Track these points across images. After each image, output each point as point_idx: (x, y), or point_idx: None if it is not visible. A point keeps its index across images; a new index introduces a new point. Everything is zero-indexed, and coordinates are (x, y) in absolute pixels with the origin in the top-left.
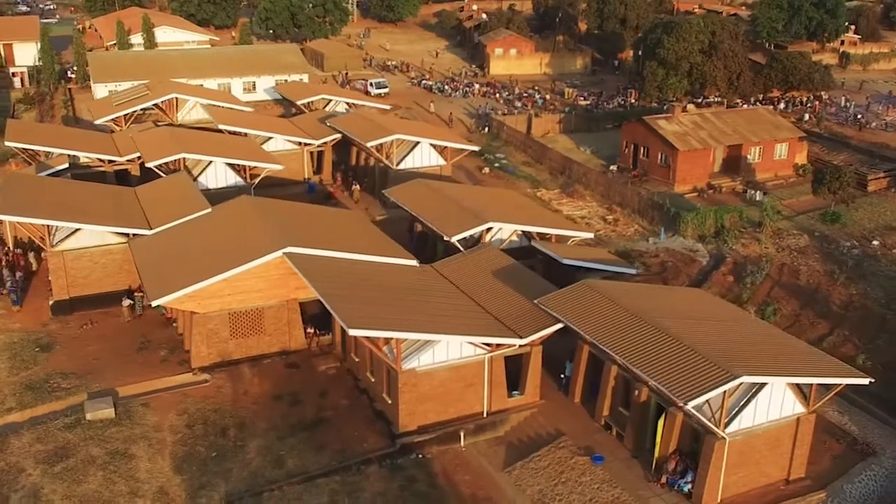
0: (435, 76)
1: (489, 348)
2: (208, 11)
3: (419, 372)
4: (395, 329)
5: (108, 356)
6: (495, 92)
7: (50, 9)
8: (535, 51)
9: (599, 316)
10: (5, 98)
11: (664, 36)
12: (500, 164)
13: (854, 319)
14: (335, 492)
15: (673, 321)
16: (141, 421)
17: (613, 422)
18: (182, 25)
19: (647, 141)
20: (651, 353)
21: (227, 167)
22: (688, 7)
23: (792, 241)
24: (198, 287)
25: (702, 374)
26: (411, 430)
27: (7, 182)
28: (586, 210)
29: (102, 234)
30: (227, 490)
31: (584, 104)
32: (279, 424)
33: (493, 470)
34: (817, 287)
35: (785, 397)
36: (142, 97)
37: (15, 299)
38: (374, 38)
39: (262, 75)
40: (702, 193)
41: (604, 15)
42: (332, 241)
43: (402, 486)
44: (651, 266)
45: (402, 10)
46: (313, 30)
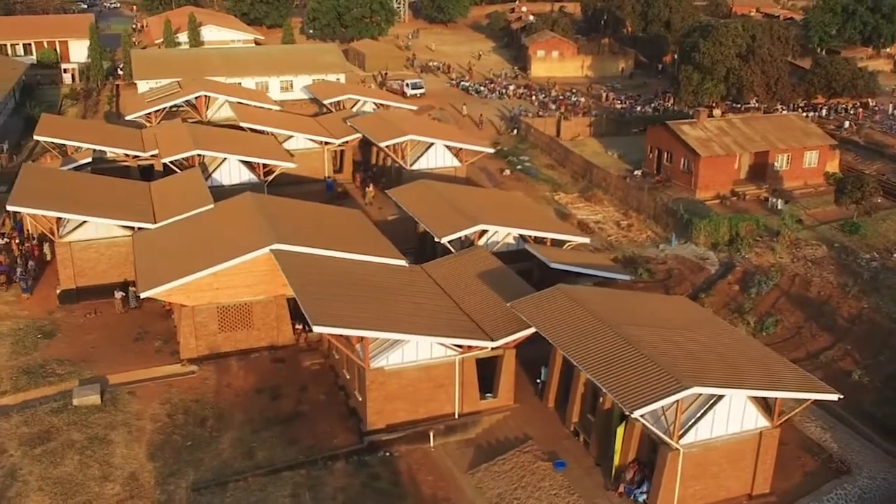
0: (475, 77)
1: (460, 350)
2: (261, 11)
3: (388, 371)
4: (360, 327)
5: (105, 345)
6: (531, 94)
7: (115, 7)
8: (577, 53)
9: (567, 321)
10: (55, 93)
11: (700, 40)
12: (522, 167)
13: (859, 333)
14: (298, 485)
15: (639, 329)
16: (125, 408)
17: (581, 429)
18: (228, 24)
19: (671, 146)
20: (608, 360)
21: (241, 164)
22: (745, 10)
23: (809, 251)
24: (185, 281)
25: (652, 383)
26: (380, 428)
27: (23, 174)
28: (601, 215)
29: (109, 227)
30: (195, 479)
31: (620, 107)
32: (256, 417)
33: (457, 471)
34: (827, 299)
35: (746, 411)
36: (172, 94)
37: (25, 287)
38: (422, 39)
39: (299, 74)
40: (724, 200)
41: (648, 18)
42: (323, 240)
43: (364, 482)
44: (656, 273)
45: (452, 11)
46: (359, 30)
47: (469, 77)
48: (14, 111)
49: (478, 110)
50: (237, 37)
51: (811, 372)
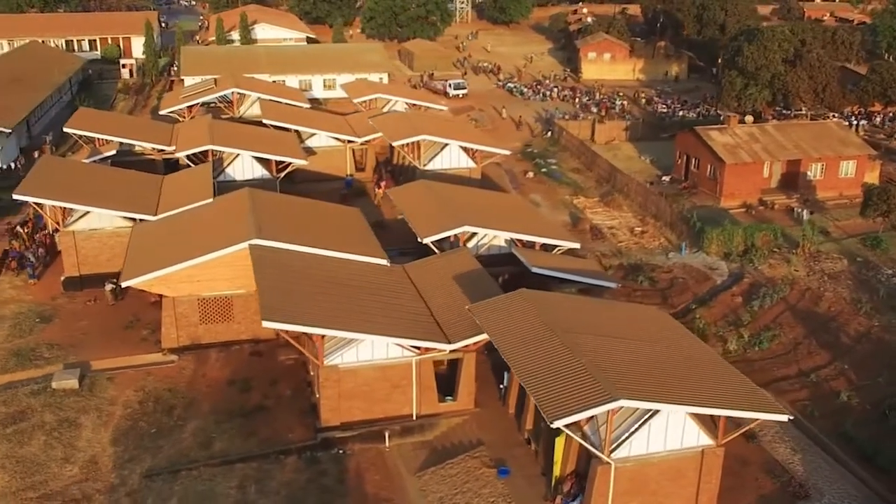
0: (524, 78)
1: (418, 351)
2: (323, 10)
3: (342, 369)
4: (310, 324)
5: (96, 332)
6: (575, 96)
7: (192, 5)
8: (629, 56)
9: (518, 326)
10: (112, 88)
11: (745, 44)
12: (547, 170)
13: (861, 353)
14: (247, 477)
15: (589, 339)
16: (100, 394)
17: (533, 437)
18: (282, 23)
19: (698, 152)
20: (545, 367)
21: (255, 160)
22: (818, 14)
23: (828, 265)
24: (165, 272)
25: (581, 393)
26: (334, 425)
27: (38, 165)
28: (618, 220)
29: (112, 218)
30: (150, 465)
31: (662, 112)
32: (222, 408)
33: (406, 473)
34: (835, 316)
35: (686, 427)
36: (206, 91)
37: (31, 273)
38: (480, 40)
39: (342, 73)
40: (750, 209)
41: (703, 21)
42: (307, 237)
43: (310, 478)
44: (658, 281)
45: (514, 13)
46: (414, 30)
47: (518, 79)
48: (68, 104)
49: (519, 112)
50: (289, 35)
51: (795, 391)
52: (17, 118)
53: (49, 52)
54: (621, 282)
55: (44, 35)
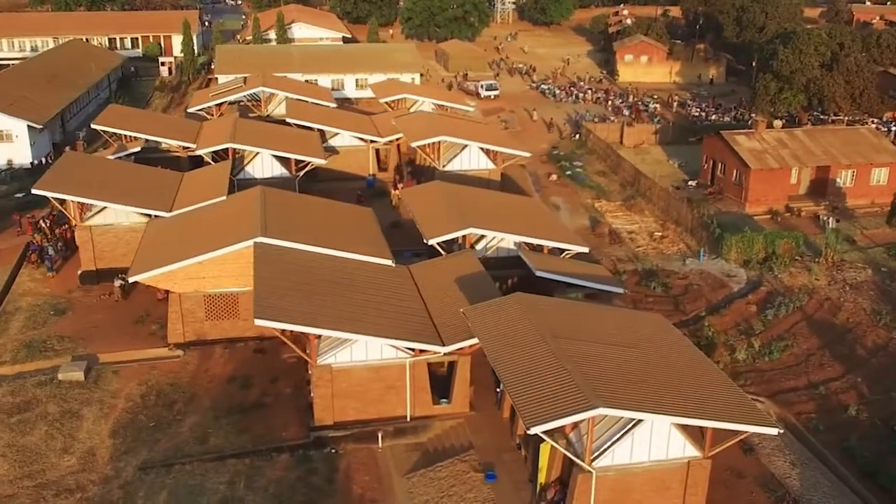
0: (560, 80)
1: (412, 353)
2: (363, 10)
3: (335, 368)
4: (302, 323)
5: (106, 325)
6: (607, 99)
7: (239, 4)
8: (666, 58)
9: (509, 331)
10: (150, 86)
11: (780, 47)
12: (572, 172)
13: (877, 366)
14: (238, 473)
15: (579, 345)
16: (104, 386)
17: (524, 442)
18: (319, 22)
19: (724, 157)
20: (531, 373)
21: (274, 159)
22: (868, 17)
23: (851, 274)
24: (170, 268)
25: (562, 400)
26: (327, 424)
27: (61, 160)
28: (638, 225)
29: (128, 213)
30: (146, 458)
31: (695, 115)
32: (221, 404)
33: (395, 474)
34: (854, 327)
35: (671, 437)
36: (235, 89)
37: (50, 266)
38: (519, 41)
39: (374, 73)
40: (776, 216)
41: (742, 23)
42: (314, 236)
43: (300, 476)
44: (672, 287)
45: (555, 14)
46: (451, 30)
47: (553, 81)
48: (106, 101)
49: (550, 114)
50: (325, 34)
51: (802, 403)
52: (50, 115)
53: (89, 49)
54: (634, 287)
55: (88, 33)
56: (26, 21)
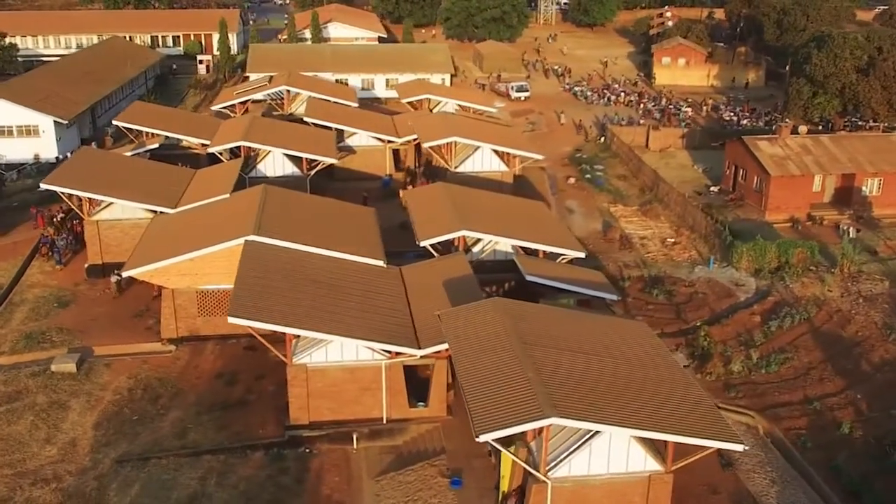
0: (595, 82)
1: (388, 355)
2: (405, 10)
3: (310, 368)
4: (276, 322)
5: (105, 319)
6: (640, 102)
7: (286, 3)
8: (705, 61)
9: (480, 336)
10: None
11: (814, 51)
12: (591, 176)
13: (880, 382)
14: (211, 469)
15: (549, 351)
16: (95, 379)
17: (494, 449)
18: (356, 22)
19: (745, 163)
20: (492, 379)
21: (286, 157)
22: None
23: (867, 286)
24: (163, 264)
25: (515, 408)
26: (303, 423)
27: (75, 156)
28: (652, 230)
29: (134, 209)
30: (124, 451)
31: (727, 119)
32: (205, 400)
33: (366, 476)
34: (862, 341)
35: (631, 451)
36: (259, 88)
37: (58, 259)
38: (559, 42)
39: (404, 73)
40: (796, 224)
41: (783, 26)
42: (308, 235)
43: (270, 475)
44: (676, 295)
45: (598, 15)
46: (489, 31)
47: (588, 83)
48: (141, 98)
49: (580, 116)
50: (361, 34)
51: (793, 418)
52: (77, 111)
53: (127, 46)
54: (637, 294)
55: (131, 31)
56: (73, 19)
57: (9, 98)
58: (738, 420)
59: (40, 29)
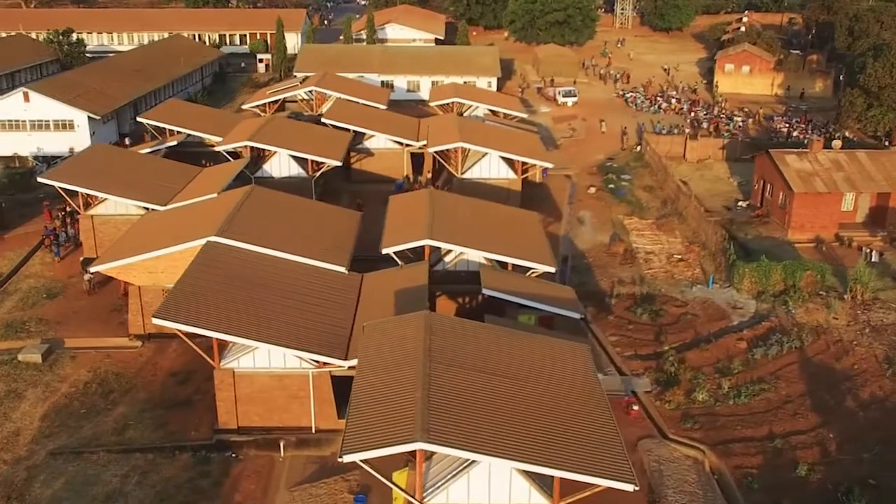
0: (653, 89)
1: (316, 364)
2: (476, 12)
3: (238, 373)
4: (200, 326)
5: (86, 311)
6: (691, 110)
7: (365, 4)
8: (771, 69)
9: (391, 350)
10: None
11: (870, 60)
12: (615, 185)
13: (862, 422)
14: (137, 467)
15: (458, 371)
16: (57, 370)
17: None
18: (414, 24)
19: (772, 177)
20: (381, 397)
21: (291, 159)
22: None
23: (879, 315)
24: (129, 261)
25: (388, 430)
26: (231, 428)
27: (84, 151)
28: (661, 245)
29: (127, 205)
30: (62, 444)
31: (782, 130)
32: (154, 398)
33: (283, 486)
34: (856, 375)
35: (514, 482)
36: (289, 88)
37: (56, 251)
38: (628, 46)
39: (450, 75)
40: (821, 245)
41: (854, 33)
42: (273, 239)
43: (190, 478)
44: (663, 315)
45: (673, 20)
46: (553, 34)
47: (646, 89)
48: (196, 95)
49: (626, 123)
50: (417, 36)
51: (748, 455)
52: (112, 107)
53: (186, 44)
54: (622, 313)
55: (200, 29)
56: (143, 16)
57: (46, 93)
58: (686, 453)
59: (111, 26)
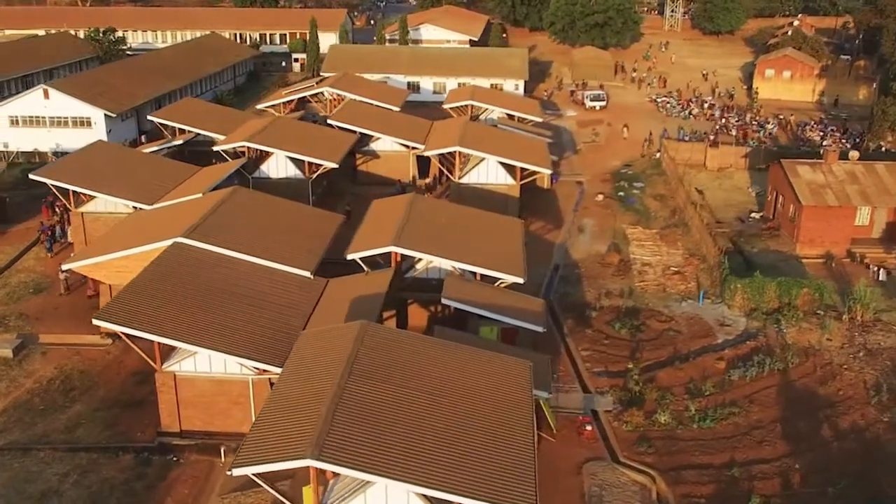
0: (686, 94)
1: (256, 370)
2: (521, 13)
3: (179, 376)
4: (140, 329)
5: (65, 307)
6: (722, 116)
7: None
8: (813, 75)
9: (319, 361)
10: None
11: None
12: (625, 193)
13: (835, 452)
14: (78, 467)
15: (380, 386)
16: (26, 366)
17: None
18: (450, 25)
19: (784, 189)
20: (287, 410)
21: (288, 160)
22: None
23: (878, 337)
24: (99, 260)
25: (283, 444)
26: (174, 431)
27: (84, 149)
28: (659, 257)
29: (115, 203)
30: (12, 440)
31: (807, 138)
32: (111, 397)
33: (217, 492)
34: (839, 401)
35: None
36: (305, 88)
37: (48, 247)
38: (672, 50)
39: (477, 77)
40: (830, 261)
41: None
42: (241, 241)
43: (126, 480)
44: (644, 331)
45: (722, 23)
46: (593, 37)
47: (680, 94)
48: (227, 92)
49: (653, 129)
50: (452, 37)
51: (698, 484)
52: (130, 105)
53: (219, 42)
54: (601, 326)
55: (240, 28)
56: (184, 15)
57: (64, 91)
58: (634, 478)
59: (155, 24)
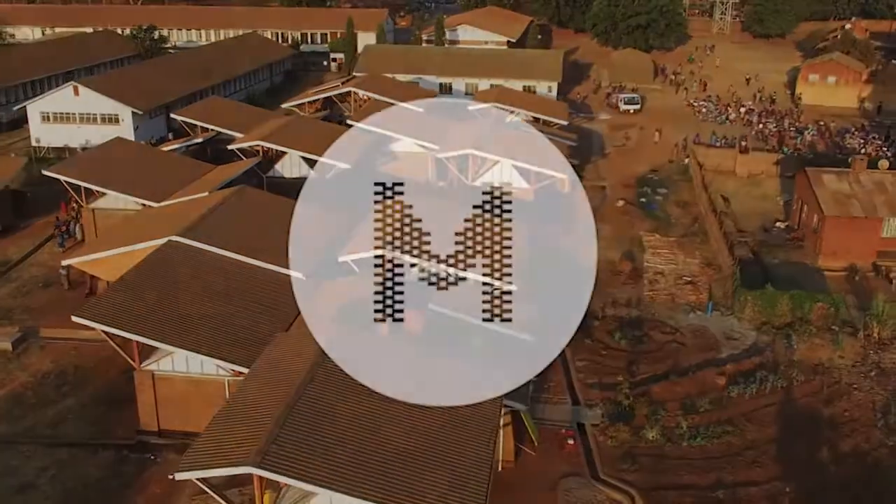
0: (725, 99)
1: (232, 371)
2: (566, 14)
3: (157, 376)
4: (117, 327)
5: (70, 301)
6: (760, 121)
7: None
8: (859, 80)
9: (285, 365)
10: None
11: None
12: (647, 199)
13: (829, 478)
14: (57, 461)
15: (336, 395)
16: (24, 359)
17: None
18: (487, 26)
19: (808, 198)
20: (241, 414)
21: (301, 159)
22: None
23: (895, 356)
24: (98, 256)
25: (228, 450)
26: (153, 430)
27: (101, 146)
28: (674, 266)
29: (126, 200)
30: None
31: (846, 145)
32: (100, 393)
33: (187, 493)
34: (844, 423)
35: None
36: (331, 88)
37: (60, 242)
38: (718, 53)
39: (509, 79)
40: (854, 274)
41: None
42: (241, 242)
43: (102, 477)
44: (646, 342)
45: (772, 26)
46: (635, 39)
47: (720, 99)
48: (263, 91)
49: (686, 133)
50: (489, 38)
51: None
52: (158, 103)
53: (257, 41)
54: (601, 336)
55: (282, 27)
56: (226, 14)
57: (94, 88)
58: (612, 497)
59: (197, 23)
